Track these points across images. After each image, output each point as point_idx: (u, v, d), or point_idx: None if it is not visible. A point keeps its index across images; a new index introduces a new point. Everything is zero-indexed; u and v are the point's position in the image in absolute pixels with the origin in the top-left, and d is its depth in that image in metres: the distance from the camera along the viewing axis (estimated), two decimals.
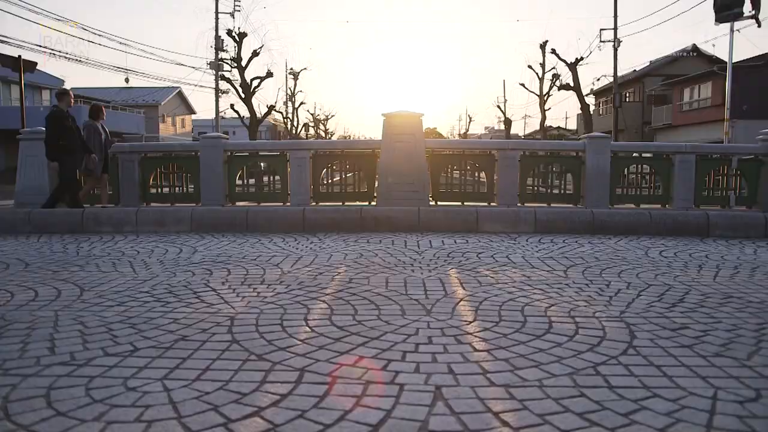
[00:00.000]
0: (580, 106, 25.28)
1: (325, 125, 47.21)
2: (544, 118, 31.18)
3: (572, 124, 68.92)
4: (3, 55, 11.61)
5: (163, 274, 4.30)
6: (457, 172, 9.49)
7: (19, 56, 11.78)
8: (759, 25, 10.35)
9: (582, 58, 23.43)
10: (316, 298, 3.55)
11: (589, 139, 9.18)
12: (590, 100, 44.23)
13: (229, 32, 22.47)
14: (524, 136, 77.07)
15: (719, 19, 10.33)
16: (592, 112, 36.27)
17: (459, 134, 71.72)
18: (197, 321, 3.03)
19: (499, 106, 39.51)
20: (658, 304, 3.42)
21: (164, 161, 9.63)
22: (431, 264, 4.73)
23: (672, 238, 6.45)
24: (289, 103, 42.61)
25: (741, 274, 4.40)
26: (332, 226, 6.77)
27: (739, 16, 10.15)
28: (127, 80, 42.90)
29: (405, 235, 6.45)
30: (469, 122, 58.23)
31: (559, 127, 67.43)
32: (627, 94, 40.50)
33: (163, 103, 49.58)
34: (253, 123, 22.15)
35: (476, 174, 9.47)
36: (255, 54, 22.29)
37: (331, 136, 54.88)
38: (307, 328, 2.91)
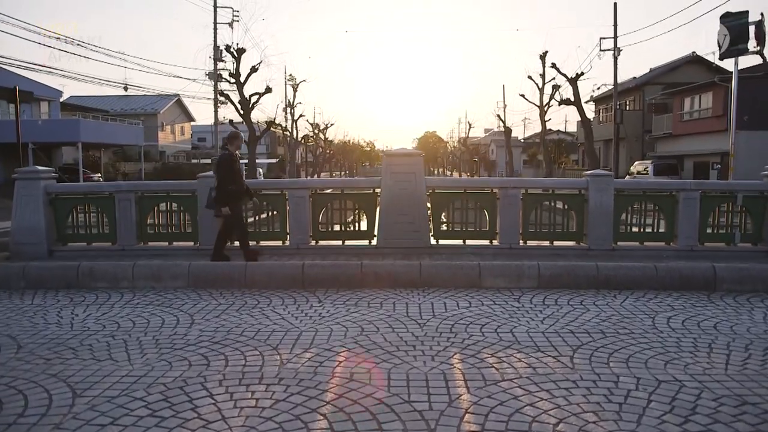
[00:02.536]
0: (580, 119, 25.11)
1: (324, 134, 47.02)
2: (544, 128, 31.04)
3: (572, 127, 68.93)
4: None
5: (158, 366, 4.17)
6: (459, 210, 9.35)
7: (15, 87, 11.70)
8: (765, 61, 10.17)
9: (582, 74, 23.29)
10: (316, 409, 3.43)
11: (591, 177, 9.06)
12: (590, 107, 44.21)
13: (228, 48, 22.34)
14: (524, 139, 77.06)
15: (724, 55, 10.19)
16: (592, 120, 36.15)
17: (459, 138, 71.59)
18: None
19: (498, 116, 39.25)
20: (670, 418, 3.30)
21: (162, 200, 9.51)
22: (434, 345, 4.60)
23: (678, 295, 6.33)
24: (288, 110, 42.44)
25: (753, 360, 4.28)
26: (332, 282, 6.65)
27: (744, 51, 10.02)
28: (125, 88, 42.83)
29: (406, 294, 6.32)
30: (469, 129, 57.87)
31: (558, 131, 67.43)
32: (627, 102, 40.37)
33: (162, 112, 49.48)
34: (252, 139, 22.02)
35: (478, 212, 9.33)
36: (254, 70, 22.16)
37: (331, 143, 54.74)
38: None
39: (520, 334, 4.90)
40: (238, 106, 21.87)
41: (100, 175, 34.42)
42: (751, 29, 10.09)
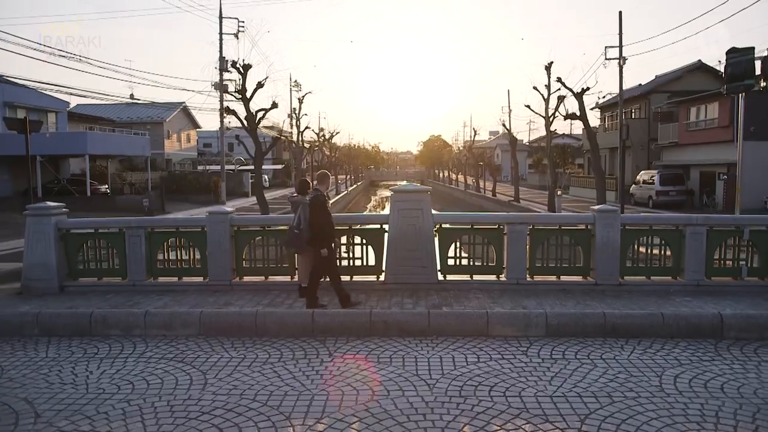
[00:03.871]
0: (586, 133, 25.09)
1: (329, 142, 47.22)
2: (549, 137, 31.04)
3: (577, 130, 68.85)
4: (9, 119, 11.66)
5: None
6: (466, 245, 9.41)
7: (25, 117, 11.83)
8: None
9: (588, 88, 23.29)
10: None
11: (598, 212, 9.11)
12: (596, 113, 44.17)
13: (234, 64, 22.47)
14: (529, 142, 77.04)
15: (729, 90, 10.18)
16: (597, 127, 36.10)
17: (464, 142, 71.66)
18: None
19: (504, 124, 39.23)
20: None
21: (171, 236, 9.61)
22: (444, 414, 4.66)
23: (686, 345, 6.38)
24: (294, 120, 42.56)
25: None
26: (342, 331, 6.73)
27: (750, 87, 9.99)
28: (131, 96, 43.11)
29: (415, 345, 6.38)
30: (474, 135, 57.79)
31: (564, 134, 67.35)
32: (633, 111, 40.31)
33: (168, 120, 49.77)
34: (259, 155, 22.12)
35: (485, 247, 9.38)
36: (260, 85, 22.23)
37: (336, 151, 54.90)
38: None
39: (528, 399, 4.96)
40: (245, 122, 21.96)
41: (107, 186, 34.65)
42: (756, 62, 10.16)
